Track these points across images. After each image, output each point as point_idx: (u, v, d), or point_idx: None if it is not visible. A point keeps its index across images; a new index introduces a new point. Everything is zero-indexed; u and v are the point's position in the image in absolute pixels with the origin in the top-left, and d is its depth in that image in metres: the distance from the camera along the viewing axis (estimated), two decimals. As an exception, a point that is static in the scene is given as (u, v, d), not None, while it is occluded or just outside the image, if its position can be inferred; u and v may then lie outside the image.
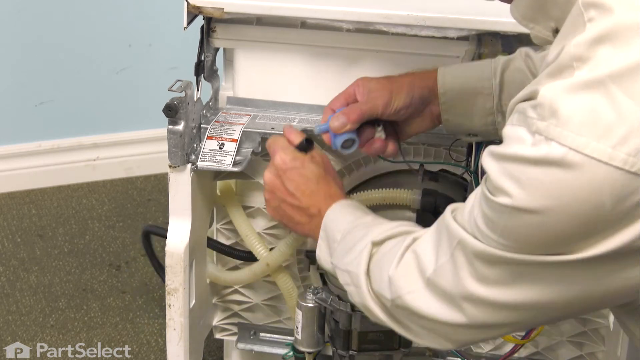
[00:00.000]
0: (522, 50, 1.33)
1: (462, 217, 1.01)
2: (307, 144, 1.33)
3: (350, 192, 1.49)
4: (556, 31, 1.00)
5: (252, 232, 1.52)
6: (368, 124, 1.33)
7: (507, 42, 1.41)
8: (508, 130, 0.93)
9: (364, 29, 1.43)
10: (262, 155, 1.50)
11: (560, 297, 0.96)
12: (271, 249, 1.51)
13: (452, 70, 1.33)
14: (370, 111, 1.31)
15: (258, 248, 1.51)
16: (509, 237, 0.94)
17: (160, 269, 1.69)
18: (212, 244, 1.55)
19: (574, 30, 0.90)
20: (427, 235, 1.07)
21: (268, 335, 1.64)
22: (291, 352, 1.51)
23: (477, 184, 1.40)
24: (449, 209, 1.04)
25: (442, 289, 1.02)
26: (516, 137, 0.91)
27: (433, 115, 1.34)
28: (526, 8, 1.03)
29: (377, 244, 1.14)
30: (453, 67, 1.34)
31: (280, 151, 1.31)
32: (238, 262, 1.58)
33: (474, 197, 1.00)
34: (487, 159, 0.94)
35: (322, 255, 1.25)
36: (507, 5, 1.07)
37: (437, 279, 1.03)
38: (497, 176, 0.92)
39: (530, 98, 0.91)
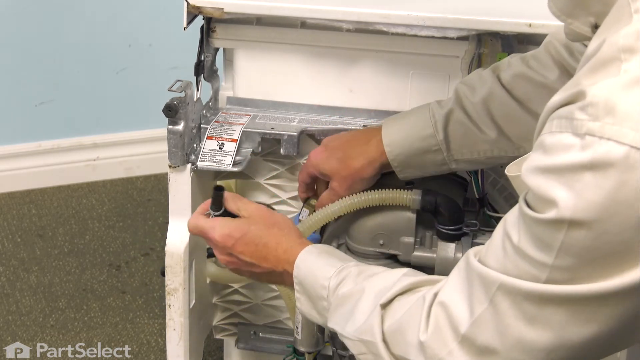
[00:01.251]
0: (459, 94, 1.33)
1: (494, 258, 0.93)
2: (216, 193, 1.24)
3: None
4: (595, 27, 0.95)
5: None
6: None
7: (507, 42, 1.41)
8: (548, 140, 0.86)
9: (364, 29, 1.43)
10: (262, 155, 1.50)
11: (624, 326, 0.88)
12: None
13: (395, 134, 1.34)
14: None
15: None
16: (570, 256, 0.85)
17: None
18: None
19: (618, 22, 0.85)
20: (451, 287, 0.99)
21: (268, 335, 1.64)
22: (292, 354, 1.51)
23: (477, 183, 1.40)
24: (470, 253, 0.97)
25: (483, 343, 0.94)
26: (561, 144, 0.84)
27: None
28: (565, 2, 0.97)
29: (385, 305, 1.06)
30: (396, 130, 1.35)
31: (210, 232, 1.23)
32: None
33: (504, 230, 0.92)
34: (530, 176, 0.88)
35: (306, 308, 1.19)
36: (507, 5, 1.07)
37: (475, 333, 0.94)
38: (546, 190, 0.85)
39: (573, 101, 0.85)
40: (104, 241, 2.37)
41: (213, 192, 1.24)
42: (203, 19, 1.47)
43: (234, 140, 1.43)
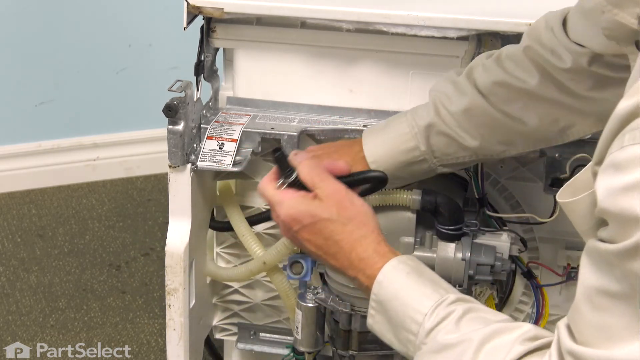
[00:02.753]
0: (437, 104, 1.31)
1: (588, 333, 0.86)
2: (277, 157, 1.13)
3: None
4: None
5: (248, 231, 1.52)
6: None
7: (507, 42, 1.41)
8: (621, 156, 0.80)
9: (364, 29, 1.43)
10: (262, 155, 1.50)
11: None
12: (271, 249, 1.51)
13: (378, 149, 1.32)
14: None
15: (254, 247, 1.51)
16: None
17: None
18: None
19: None
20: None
21: (268, 335, 1.64)
22: (291, 354, 1.52)
23: (477, 183, 1.40)
24: (562, 327, 0.90)
25: None
26: (637, 157, 0.78)
27: None
28: None
29: None
30: (376, 144, 1.32)
31: (276, 206, 1.13)
32: (236, 262, 1.58)
33: (585, 293, 0.86)
34: (609, 201, 0.81)
35: (380, 328, 1.08)
36: (507, 5, 1.06)
37: None
38: (632, 210, 0.78)
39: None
40: (104, 241, 2.37)
41: (274, 157, 1.13)
42: (203, 19, 1.47)
43: (234, 140, 1.43)
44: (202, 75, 1.48)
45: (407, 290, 1.06)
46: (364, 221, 1.12)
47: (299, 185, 1.14)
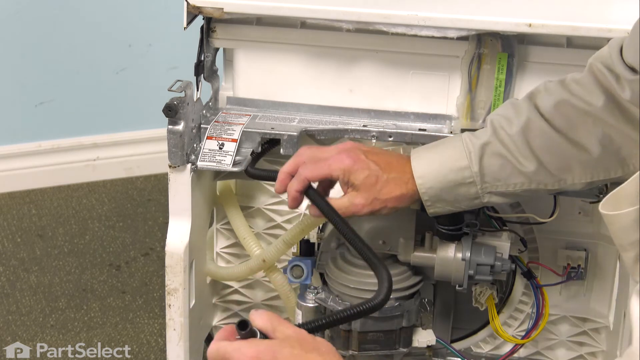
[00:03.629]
0: (495, 125, 1.27)
1: None
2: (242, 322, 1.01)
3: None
4: None
5: (248, 231, 1.52)
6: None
7: (507, 42, 1.41)
8: None
9: (364, 29, 1.43)
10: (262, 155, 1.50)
11: None
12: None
13: (428, 166, 1.27)
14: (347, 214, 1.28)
15: (253, 247, 1.51)
16: None
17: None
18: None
19: None
20: None
21: (268, 335, 1.64)
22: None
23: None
24: None
25: None
26: None
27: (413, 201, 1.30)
28: None
29: None
30: (428, 161, 1.28)
31: (233, 354, 1.00)
32: (236, 262, 1.58)
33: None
34: None
35: None
36: (507, 5, 1.04)
37: None
38: None
39: None
40: (104, 241, 2.37)
41: (238, 323, 1.02)
42: (203, 19, 1.47)
43: (234, 140, 1.43)
44: (202, 75, 1.48)
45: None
46: (328, 350, 1.02)
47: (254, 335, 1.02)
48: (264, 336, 1.01)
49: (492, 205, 1.32)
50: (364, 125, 1.46)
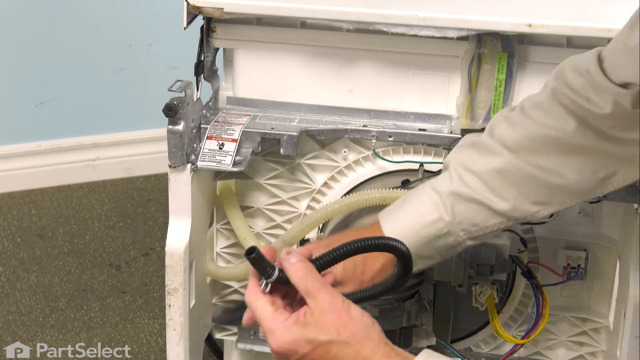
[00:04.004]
0: (459, 170, 1.22)
1: None
2: (252, 259, 1.01)
3: (350, 192, 1.49)
4: None
5: (248, 231, 1.52)
6: None
7: (507, 42, 1.41)
8: None
9: (364, 29, 1.43)
10: (262, 155, 1.50)
11: None
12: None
13: (398, 227, 1.21)
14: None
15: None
16: None
17: None
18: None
19: None
20: None
21: (268, 335, 1.64)
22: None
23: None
24: None
25: None
26: None
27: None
28: None
29: None
30: (396, 223, 1.22)
31: (268, 334, 1.01)
32: (236, 262, 1.58)
33: None
34: None
35: None
36: (507, 5, 1.03)
37: None
38: None
39: None
40: (104, 241, 2.37)
41: (248, 258, 1.02)
42: (203, 19, 1.47)
43: (234, 140, 1.43)
44: (202, 75, 1.48)
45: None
46: (367, 335, 1.00)
47: (282, 284, 1.04)
48: (285, 278, 1.00)
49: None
50: (364, 125, 1.46)
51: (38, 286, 2.19)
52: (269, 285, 1.04)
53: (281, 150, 1.45)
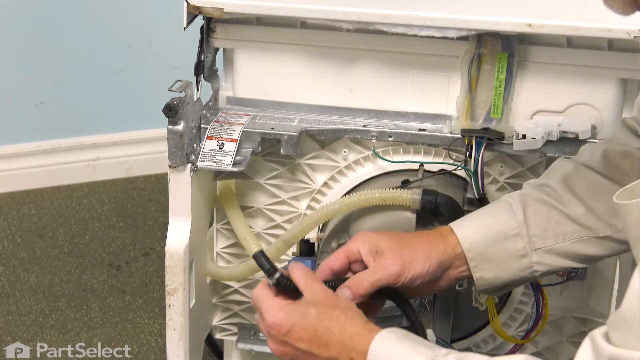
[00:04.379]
0: (534, 183, 1.25)
1: (629, 335, 0.84)
2: (256, 258, 1.17)
3: (350, 192, 1.49)
4: None
5: (248, 231, 1.52)
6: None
7: (507, 42, 1.41)
8: None
9: (364, 29, 1.43)
10: (262, 155, 1.50)
11: None
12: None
13: (467, 222, 1.22)
14: (380, 282, 1.17)
15: (253, 247, 1.51)
16: None
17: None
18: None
19: None
20: None
21: (268, 335, 1.64)
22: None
23: (477, 183, 1.40)
24: (597, 335, 0.88)
25: None
26: None
27: (451, 279, 1.23)
28: None
29: None
30: (467, 219, 1.24)
31: (264, 312, 1.12)
32: (236, 262, 1.58)
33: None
34: None
35: None
36: (507, 5, 1.04)
37: None
38: None
39: None
40: (104, 241, 2.37)
41: (255, 260, 1.17)
42: (203, 19, 1.47)
43: (234, 140, 1.43)
44: (202, 75, 1.48)
45: (401, 353, 1.03)
46: (349, 307, 1.11)
47: (285, 284, 1.15)
48: (290, 283, 1.14)
49: (541, 273, 1.23)
50: (364, 125, 1.46)
51: (38, 286, 2.19)
52: (272, 283, 1.16)
53: (281, 150, 1.45)
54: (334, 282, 1.19)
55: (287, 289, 1.14)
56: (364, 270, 1.19)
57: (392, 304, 1.40)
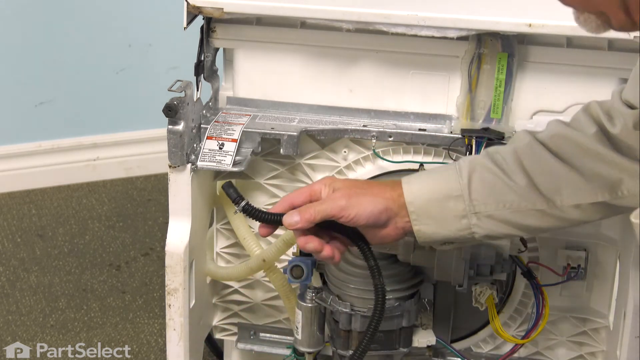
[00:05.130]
0: (489, 151, 1.28)
1: None
2: (226, 190, 1.32)
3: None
4: None
5: (248, 231, 1.52)
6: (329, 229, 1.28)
7: (507, 42, 1.41)
8: None
9: (364, 29, 1.43)
10: (262, 155, 1.50)
11: None
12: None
13: (416, 178, 1.28)
14: (325, 212, 1.25)
15: (253, 247, 1.51)
16: None
17: None
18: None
19: None
20: None
21: (268, 335, 1.64)
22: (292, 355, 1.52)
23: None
24: None
25: None
26: None
27: (398, 229, 1.27)
28: None
29: None
30: (417, 175, 1.30)
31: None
32: (236, 262, 1.58)
33: None
34: None
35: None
36: (507, 5, 1.04)
37: None
38: None
39: None
40: (104, 241, 2.37)
41: (223, 189, 1.32)
42: (203, 19, 1.47)
43: (234, 140, 1.43)
44: (202, 75, 1.48)
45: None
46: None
47: (251, 211, 1.31)
48: (255, 210, 1.31)
49: (481, 236, 1.26)
50: (364, 125, 1.46)
51: (38, 286, 2.19)
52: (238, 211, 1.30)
53: (281, 150, 1.45)
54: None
55: (253, 215, 1.29)
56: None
57: (391, 305, 1.40)
